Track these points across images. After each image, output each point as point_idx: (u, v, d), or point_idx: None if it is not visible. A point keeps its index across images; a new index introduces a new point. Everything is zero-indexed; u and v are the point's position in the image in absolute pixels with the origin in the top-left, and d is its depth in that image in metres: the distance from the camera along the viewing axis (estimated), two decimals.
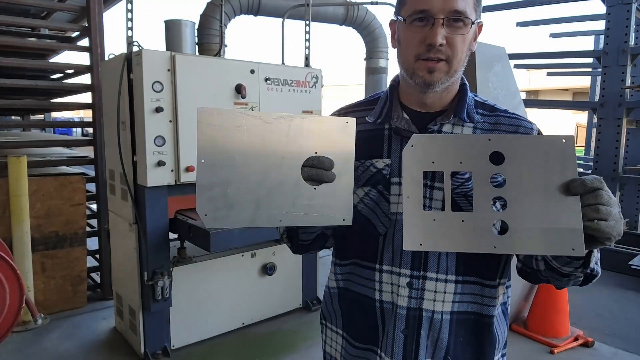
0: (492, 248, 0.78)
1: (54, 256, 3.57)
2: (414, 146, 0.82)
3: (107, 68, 3.13)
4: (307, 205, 0.83)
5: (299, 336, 3.32)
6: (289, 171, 0.82)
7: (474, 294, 0.98)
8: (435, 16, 0.89)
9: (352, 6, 4.65)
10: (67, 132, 20.55)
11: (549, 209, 0.77)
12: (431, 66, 0.92)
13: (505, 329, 1.06)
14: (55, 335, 3.30)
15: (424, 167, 0.82)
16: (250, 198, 0.81)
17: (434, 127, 0.98)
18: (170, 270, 2.90)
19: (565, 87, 24.26)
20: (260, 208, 0.82)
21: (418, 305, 0.97)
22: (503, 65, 3.34)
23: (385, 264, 0.99)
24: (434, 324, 0.97)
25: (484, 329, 0.99)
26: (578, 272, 0.87)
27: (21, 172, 3.28)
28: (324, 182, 0.83)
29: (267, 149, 0.82)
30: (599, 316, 3.84)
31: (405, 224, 0.80)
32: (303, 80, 3.37)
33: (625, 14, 4.90)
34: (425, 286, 0.96)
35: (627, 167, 5.45)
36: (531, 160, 0.78)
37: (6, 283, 2.42)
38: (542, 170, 0.78)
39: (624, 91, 4.97)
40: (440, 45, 0.90)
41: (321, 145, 0.84)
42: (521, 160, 0.79)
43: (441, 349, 0.98)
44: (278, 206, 0.82)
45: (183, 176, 2.82)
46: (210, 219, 0.80)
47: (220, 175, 0.80)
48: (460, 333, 0.98)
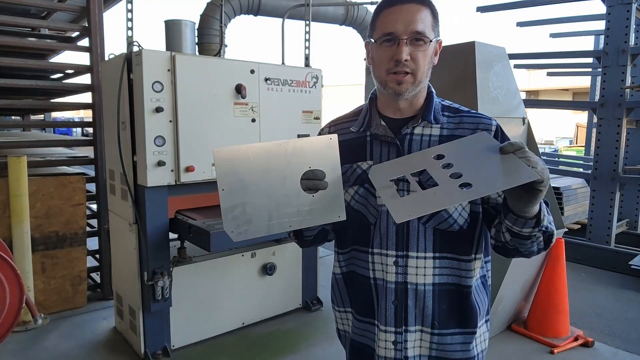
0: (467, 196, 0.96)
1: (54, 256, 3.58)
2: (373, 176, 1.04)
3: (107, 68, 3.13)
4: (309, 210, 1.03)
5: (299, 336, 3.32)
6: (291, 186, 1.02)
7: (452, 268, 1.17)
8: (400, 37, 1.09)
9: (352, 6, 4.64)
10: (67, 132, 20.55)
11: (494, 164, 0.96)
12: (399, 79, 1.11)
13: (485, 299, 1.24)
14: (55, 335, 3.30)
15: (389, 178, 1.03)
16: (264, 212, 1.01)
17: (406, 131, 1.18)
18: (170, 270, 2.90)
19: (565, 87, 24.25)
20: (272, 219, 1.01)
21: (404, 280, 1.16)
22: (503, 65, 3.34)
23: (375, 248, 1.19)
24: (418, 295, 1.16)
25: (464, 298, 1.17)
26: (536, 232, 1.02)
27: (21, 172, 3.28)
28: (319, 189, 1.03)
29: (271, 172, 1.01)
30: (599, 316, 3.84)
31: (390, 207, 0.98)
32: (303, 80, 3.37)
33: (625, 14, 4.90)
34: (408, 263, 1.16)
35: (627, 167, 5.45)
36: (465, 150, 1.00)
37: (6, 283, 2.42)
38: (477, 149, 0.99)
39: (624, 91, 4.96)
40: (405, 60, 1.09)
41: (313, 160, 1.03)
42: (458, 153, 1.00)
43: (428, 315, 1.17)
44: (286, 215, 1.02)
45: (183, 176, 2.82)
46: (235, 234, 1.01)
47: (238, 198, 1.00)
48: (443, 301, 1.17)
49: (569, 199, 5.74)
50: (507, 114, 3.31)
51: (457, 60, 3.18)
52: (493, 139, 1.01)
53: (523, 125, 3.48)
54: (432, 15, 1.13)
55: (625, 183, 5.47)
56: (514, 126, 3.38)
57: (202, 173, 2.91)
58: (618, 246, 5.21)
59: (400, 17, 1.09)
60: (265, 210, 1.01)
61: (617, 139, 5.03)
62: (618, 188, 5.13)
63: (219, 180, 0.99)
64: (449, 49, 3.30)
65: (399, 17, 1.09)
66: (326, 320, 3.58)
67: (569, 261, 4.32)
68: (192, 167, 2.84)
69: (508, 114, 3.32)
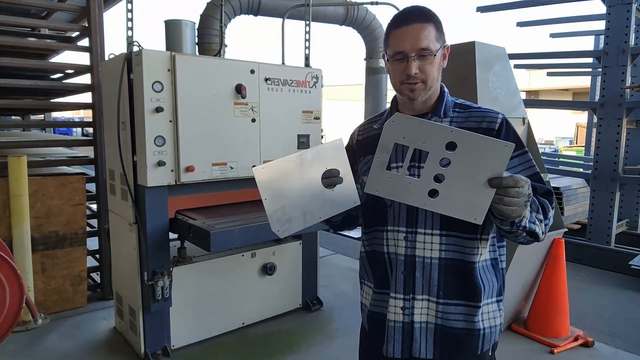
0: (422, 204, 1.13)
1: (54, 256, 3.58)
2: (394, 122, 1.11)
3: (107, 68, 3.13)
4: (332, 201, 1.27)
5: (299, 336, 3.32)
6: (315, 185, 1.25)
7: (457, 245, 1.30)
8: (408, 54, 1.27)
9: (352, 6, 4.64)
10: (67, 132, 20.55)
11: (471, 191, 1.07)
12: (412, 87, 1.30)
13: (493, 280, 1.36)
14: (55, 335, 3.30)
15: (396, 139, 1.12)
16: (299, 211, 1.24)
17: None
18: (171, 270, 2.90)
19: (565, 87, 24.25)
20: (306, 215, 1.25)
21: (412, 253, 1.32)
22: (503, 65, 3.34)
23: (389, 225, 1.37)
24: (425, 267, 1.31)
25: (468, 273, 1.30)
26: (514, 230, 1.17)
27: (21, 172, 3.28)
28: (336, 184, 1.26)
29: (299, 177, 1.23)
30: (599, 316, 3.84)
31: (370, 176, 1.16)
32: (303, 80, 3.37)
33: (625, 14, 4.90)
34: (417, 239, 1.32)
35: (627, 167, 5.45)
36: (475, 152, 1.06)
37: (6, 283, 2.42)
38: (479, 163, 1.06)
39: (624, 91, 4.96)
40: (415, 73, 1.27)
41: (328, 162, 1.26)
42: (468, 151, 1.06)
43: (433, 286, 1.31)
44: (315, 209, 1.26)
45: (183, 176, 2.82)
46: (281, 232, 1.24)
47: (277, 203, 1.22)
48: (448, 274, 1.31)
49: (569, 199, 5.74)
50: (507, 114, 3.28)
51: (457, 60, 3.18)
52: (504, 159, 1.04)
53: (523, 125, 3.48)
54: (436, 28, 1.28)
55: (625, 183, 5.47)
56: (514, 126, 3.38)
57: (202, 173, 2.90)
58: (618, 246, 5.22)
59: (407, 37, 1.27)
60: (299, 209, 1.24)
61: (617, 139, 5.03)
62: (618, 188, 5.13)
63: (261, 191, 1.21)
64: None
65: (405, 37, 1.27)
66: (326, 320, 3.58)
67: (569, 261, 4.32)
68: (192, 167, 2.84)
69: (508, 114, 3.30)
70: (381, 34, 4.84)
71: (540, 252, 3.30)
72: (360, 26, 4.83)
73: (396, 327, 1.35)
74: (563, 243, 3.32)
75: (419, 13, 1.29)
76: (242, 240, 2.72)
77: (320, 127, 3.54)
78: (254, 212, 3.02)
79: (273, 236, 3.15)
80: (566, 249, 3.39)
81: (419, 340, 1.33)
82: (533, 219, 1.18)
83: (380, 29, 4.89)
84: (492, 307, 1.36)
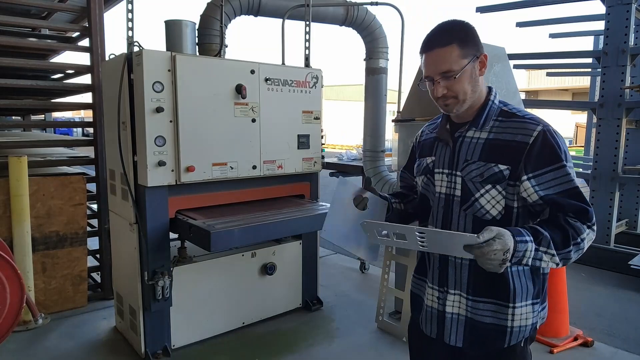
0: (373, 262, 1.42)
1: (55, 256, 3.58)
2: (365, 225, 1.35)
3: (108, 68, 3.14)
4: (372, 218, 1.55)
5: (299, 336, 3.32)
6: (363, 215, 1.53)
7: None
8: (433, 78, 1.36)
9: (352, 7, 4.64)
10: (68, 132, 20.56)
11: (452, 249, 1.24)
12: (445, 103, 1.39)
13: (529, 284, 1.40)
14: (55, 335, 3.31)
15: (377, 235, 1.35)
16: (356, 234, 1.51)
17: (459, 134, 1.45)
18: (171, 270, 2.91)
19: (564, 87, 24.24)
20: (381, 233, 1.37)
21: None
22: (503, 66, 3.34)
23: (429, 224, 1.53)
24: (457, 266, 1.44)
25: (498, 276, 1.34)
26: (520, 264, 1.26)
27: (22, 172, 3.29)
28: (365, 208, 1.54)
29: (354, 215, 1.54)
30: (599, 316, 3.84)
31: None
32: (303, 81, 3.37)
33: (625, 14, 4.91)
34: None
35: (627, 167, 5.45)
36: (444, 238, 1.22)
37: (7, 283, 2.43)
38: (452, 240, 1.20)
39: (623, 91, 4.97)
40: (443, 94, 1.36)
41: (346, 195, 1.55)
42: (438, 238, 1.23)
43: (464, 284, 1.43)
44: (373, 224, 1.40)
45: (183, 176, 2.82)
46: (373, 258, 1.61)
47: (373, 237, 1.41)
48: (479, 274, 1.38)
49: None
50: None
51: None
52: (476, 241, 1.15)
53: None
54: (460, 46, 1.32)
55: (625, 183, 5.48)
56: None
57: (203, 173, 2.91)
58: (618, 246, 5.22)
59: (429, 62, 1.36)
60: (357, 233, 1.50)
61: (616, 139, 5.04)
62: (617, 188, 5.14)
63: (368, 233, 1.38)
64: None
65: (428, 62, 1.37)
66: (326, 320, 3.59)
67: None
68: (193, 167, 2.84)
69: None
70: (381, 35, 4.85)
71: None
72: (360, 27, 4.83)
73: (432, 312, 1.51)
74: None
75: (440, 36, 1.35)
76: (242, 240, 2.72)
77: (321, 127, 3.55)
78: (254, 212, 3.02)
79: (273, 236, 3.16)
80: None
81: (450, 328, 1.46)
82: (539, 255, 1.23)
83: (380, 30, 4.89)
84: (526, 310, 1.40)
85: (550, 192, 1.29)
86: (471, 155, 1.39)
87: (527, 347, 1.50)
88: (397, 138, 3.46)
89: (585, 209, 1.27)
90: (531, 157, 1.30)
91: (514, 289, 1.37)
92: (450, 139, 1.46)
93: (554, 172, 1.29)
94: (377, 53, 4.84)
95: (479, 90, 1.40)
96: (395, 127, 3.51)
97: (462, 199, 1.41)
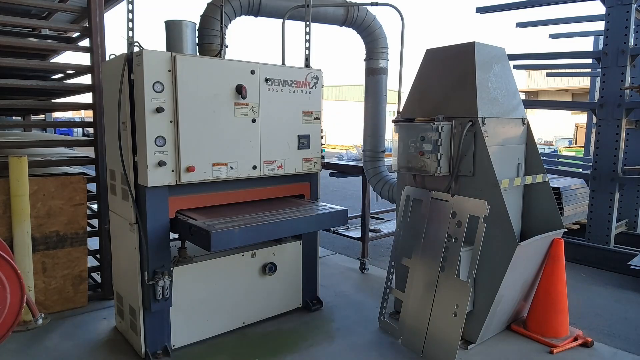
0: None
1: (55, 256, 3.58)
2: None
3: (108, 68, 3.14)
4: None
5: (299, 336, 3.33)
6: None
7: None
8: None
9: (352, 7, 4.65)
10: (68, 132, 20.56)
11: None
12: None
13: None
14: (55, 335, 3.31)
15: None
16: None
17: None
18: (171, 270, 2.91)
19: (564, 87, 24.25)
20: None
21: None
22: (502, 66, 3.35)
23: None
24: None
25: None
26: None
27: (22, 172, 3.29)
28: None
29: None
30: (599, 316, 3.85)
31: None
32: (303, 81, 3.38)
33: (625, 14, 4.91)
34: None
35: (627, 167, 5.46)
36: None
37: (7, 283, 2.43)
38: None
39: (623, 92, 4.97)
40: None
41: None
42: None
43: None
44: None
45: (184, 176, 2.83)
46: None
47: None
48: None
49: (568, 199, 5.75)
50: (507, 115, 3.32)
51: (457, 61, 3.19)
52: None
53: (523, 126, 3.49)
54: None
55: (625, 183, 5.47)
56: (513, 127, 3.39)
57: (203, 173, 2.91)
58: (617, 246, 5.22)
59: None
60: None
61: (616, 139, 5.04)
62: (617, 188, 5.14)
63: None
64: (448, 50, 3.31)
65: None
66: (326, 320, 3.59)
67: (569, 261, 4.33)
68: (193, 167, 2.85)
69: (507, 115, 3.33)
70: (381, 35, 4.86)
71: (540, 252, 3.31)
72: (360, 27, 4.83)
73: None
74: (562, 243, 3.33)
75: None
76: (242, 240, 2.72)
77: (321, 127, 3.56)
78: (254, 212, 3.03)
79: (273, 236, 3.17)
80: (565, 249, 3.39)
81: None
82: None
83: (380, 30, 4.90)
84: None
85: None
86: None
87: None
88: (397, 138, 3.47)
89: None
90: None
91: None
92: None
93: None
94: (377, 53, 4.84)
95: None
96: (395, 127, 3.51)
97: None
